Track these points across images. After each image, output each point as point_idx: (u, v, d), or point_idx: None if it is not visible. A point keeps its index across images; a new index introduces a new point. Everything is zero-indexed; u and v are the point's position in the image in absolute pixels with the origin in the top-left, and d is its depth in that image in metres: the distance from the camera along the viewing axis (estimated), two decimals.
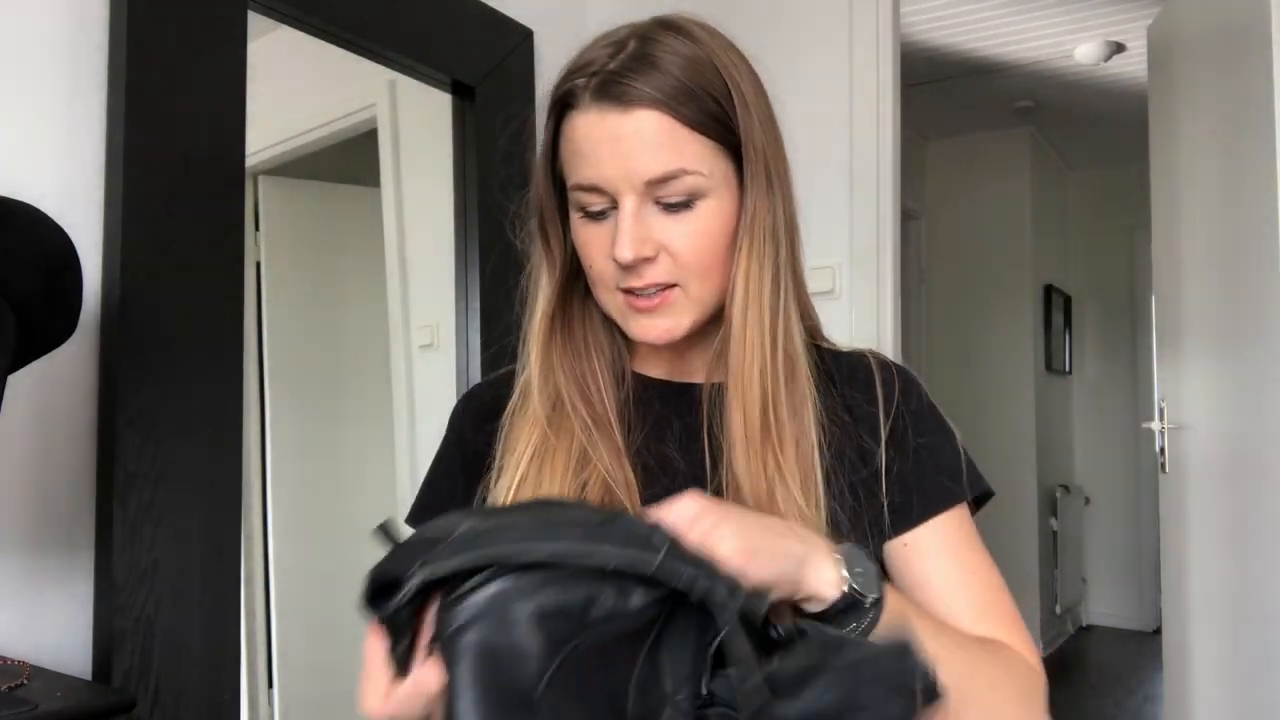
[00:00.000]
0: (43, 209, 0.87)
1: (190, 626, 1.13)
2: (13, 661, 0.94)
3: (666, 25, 0.71)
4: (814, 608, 0.56)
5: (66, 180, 1.11)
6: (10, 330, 0.79)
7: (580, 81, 0.69)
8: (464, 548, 0.45)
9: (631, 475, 0.74)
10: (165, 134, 1.15)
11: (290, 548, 1.58)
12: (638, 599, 0.46)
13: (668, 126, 0.67)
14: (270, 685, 1.54)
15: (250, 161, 1.26)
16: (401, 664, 0.49)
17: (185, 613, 1.13)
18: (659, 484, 0.74)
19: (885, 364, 0.79)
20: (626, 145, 0.67)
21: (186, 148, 1.17)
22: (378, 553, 0.49)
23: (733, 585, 0.45)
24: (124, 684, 1.06)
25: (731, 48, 0.73)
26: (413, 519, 0.83)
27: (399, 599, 0.47)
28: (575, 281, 0.78)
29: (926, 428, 0.76)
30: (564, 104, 0.71)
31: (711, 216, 0.70)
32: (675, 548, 0.46)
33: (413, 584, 0.45)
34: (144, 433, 1.10)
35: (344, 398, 1.72)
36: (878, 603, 0.56)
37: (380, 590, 0.48)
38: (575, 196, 0.71)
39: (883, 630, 0.56)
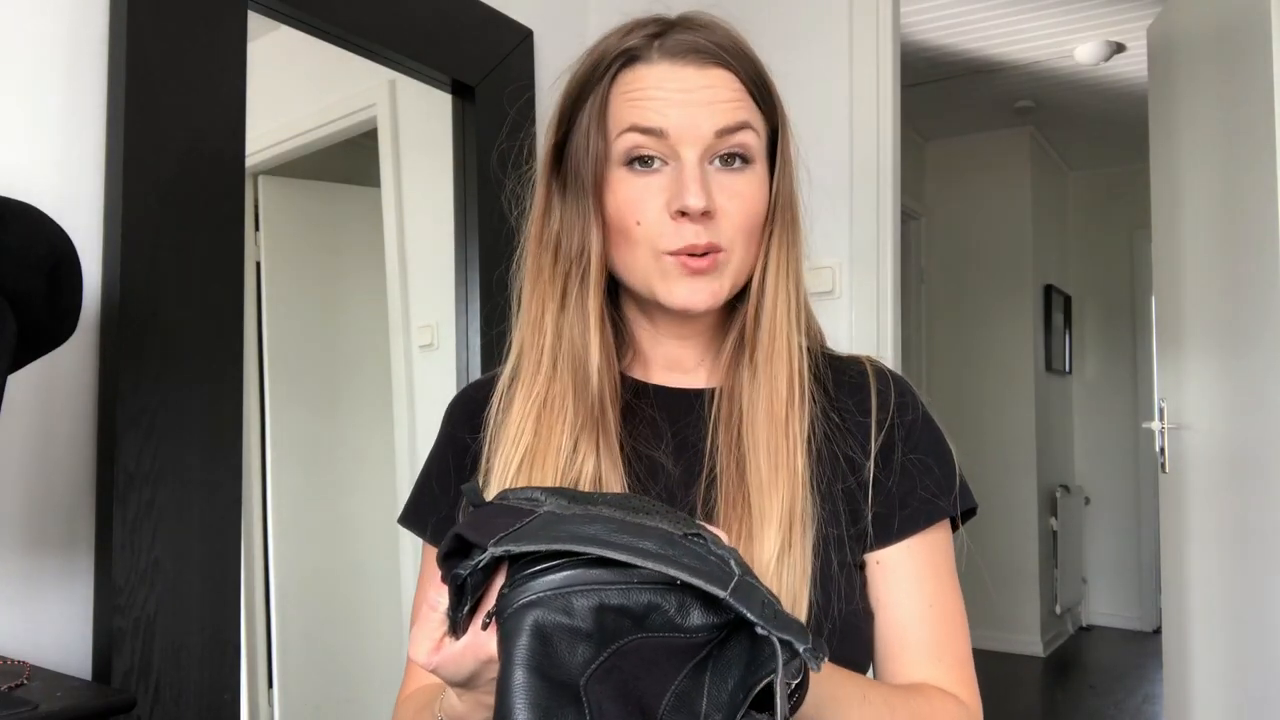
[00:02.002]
0: (43, 209, 0.87)
1: (190, 626, 1.13)
2: (13, 661, 0.94)
3: (693, 14, 0.74)
4: None
5: (66, 180, 1.11)
6: (10, 330, 0.79)
7: (637, 42, 0.71)
8: (542, 531, 0.46)
9: (624, 475, 0.73)
10: (165, 134, 1.15)
11: (290, 548, 1.57)
12: (696, 618, 0.46)
13: (734, 84, 0.70)
14: (270, 685, 1.54)
15: (250, 161, 1.26)
16: (457, 625, 0.51)
17: (185, 613, 1.13)
18: (650, 492, 0.74)
19: (882, 373, 0.78)
20: (700, 95, 0.69)
21: (186, 148, 1.17)
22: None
23: (798, 630, 0.45)
24: (124, 684, 1.06)
25: None
26: (405, 518, 0.83)
27: (470, 566, 0.48)
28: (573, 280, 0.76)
29: (919, 442, 0.75)
30: (626, 58, 0.71)
31: (759, 182, 0.72)
32: (748, 578, 0.46)
33: (485, 557, 0.47)
34: (144, 433, 1.10)
35: (344, 398, 1.72)
36: (801, 685, 0.56)
37: (456, 550, 0.50)
38: (627, 140, 0.69)
39: (809, 709, 0.56)
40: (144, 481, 1.10)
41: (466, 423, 0.80)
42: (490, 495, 0.74)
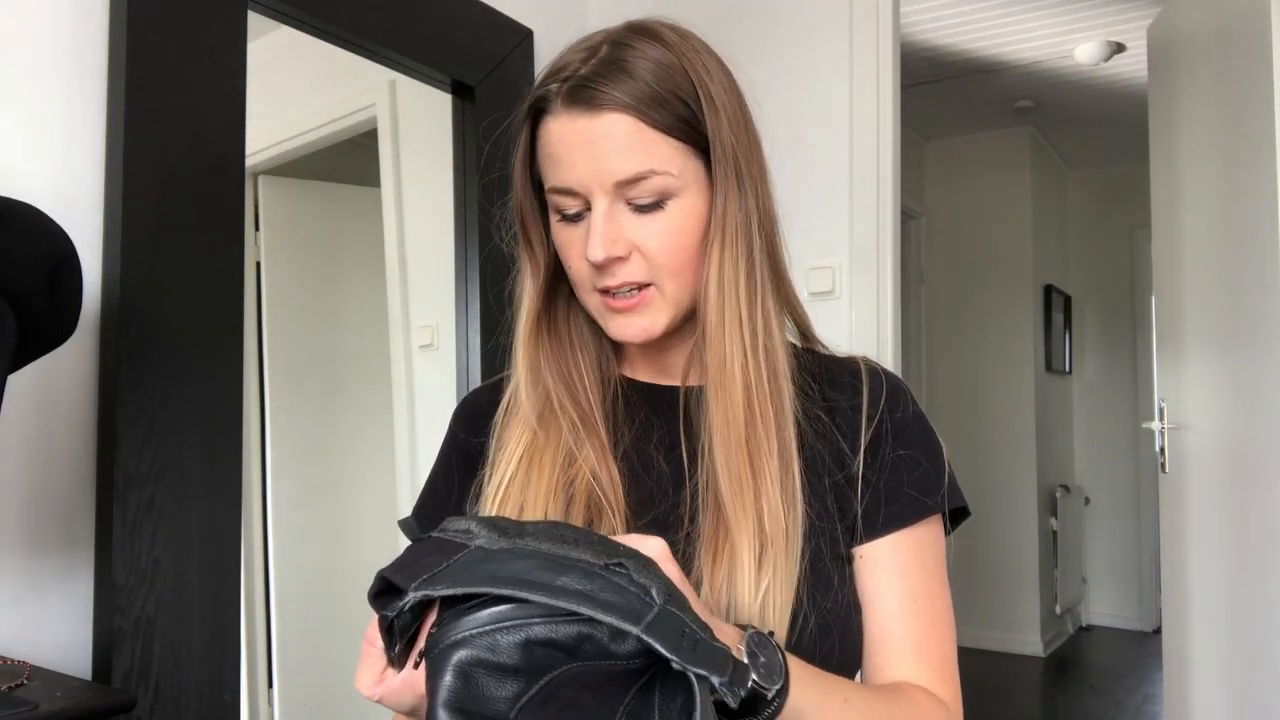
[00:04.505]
0: (43, 209, 0.87)
1: (190, 626, 1.13)
2: (13, 661, 0.94)
3: (639, 30, 0.73)
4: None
5: (66, 180, 1.11)
6: (10, 330, 0.79)
7: (553, 87, 0.71)
8: (463, 572, 0.47)
9: (617, 476, 0.74)
10: (165, 134, 1.15)
11: (290, 548, 1.57)
12: (630, 644, 0.46)
13: (636, 129, 0.69)
14: (270, 685, 1.54)
15: (250, 161, 1.26)
16: (394, 661, 0.52)
17: (185, 613, 1.13)
18: (644, 486, 0.75)
19: (874, 371, 0.79)
20: (597, 148, 0.69)
21: (186, 148, 1.17)
22: (383, 552, 0.50)
23: (718, 663, 0.45)
24: (124, 684, 1.06)
25: (704, 50, 0.74)
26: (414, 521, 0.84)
27: (396, 609, 0.49)
28: (560, 283, 0.78)
29: (908, 439, 0.76)
30: (538, 109, 0.72)
31: (683, 216, 0.71)
32: (670, 609, 0.46)
33: (408, 600, 0.48)
34: (144, 433, 1.10)
35: (344, 398, 1.72)
36: (781, 691, 0.56)
37: (386, 589, 0.51)
38: (551, 200, 0.73)
39: (787, 715, 0.57)
40: (144, 481, 1.10)
41: (468, 426, 0.84)
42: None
